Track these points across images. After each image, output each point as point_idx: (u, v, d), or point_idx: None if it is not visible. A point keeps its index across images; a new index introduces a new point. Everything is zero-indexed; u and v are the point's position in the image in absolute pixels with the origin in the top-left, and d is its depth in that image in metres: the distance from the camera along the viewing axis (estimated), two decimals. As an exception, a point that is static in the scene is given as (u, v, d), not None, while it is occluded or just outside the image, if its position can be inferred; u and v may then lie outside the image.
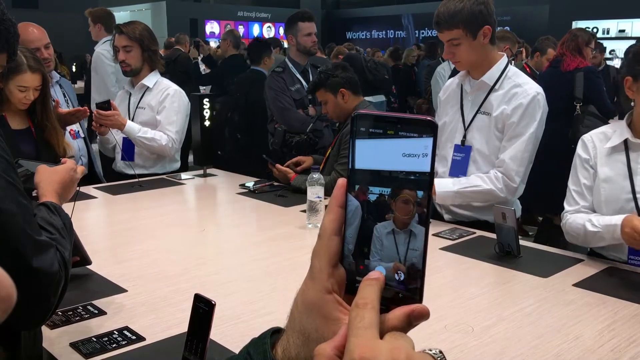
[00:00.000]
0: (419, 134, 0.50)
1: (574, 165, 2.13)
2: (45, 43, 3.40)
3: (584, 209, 2.07)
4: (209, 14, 18.87)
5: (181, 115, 3.30)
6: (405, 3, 19.98)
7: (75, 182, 1.55)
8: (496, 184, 2.30)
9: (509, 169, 2.28)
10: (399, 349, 0.45)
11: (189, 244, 2.31)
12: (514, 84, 2.31)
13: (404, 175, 0.50)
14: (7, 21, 1.29)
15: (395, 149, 0.50)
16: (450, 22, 2.24)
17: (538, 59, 5.40)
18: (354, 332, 0.47)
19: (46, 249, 1.20)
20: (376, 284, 0.50)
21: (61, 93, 3.41)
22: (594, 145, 2.07)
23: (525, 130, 2.27)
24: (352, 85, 3.01)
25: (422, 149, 0.50)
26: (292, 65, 3.80)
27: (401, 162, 0.50)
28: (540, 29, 12.21)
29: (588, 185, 2.06)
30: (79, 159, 3.26)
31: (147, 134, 3.21)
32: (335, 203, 0.53)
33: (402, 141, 0.50)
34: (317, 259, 0.54)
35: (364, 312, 0.48)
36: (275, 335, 0.57)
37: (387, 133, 0.51)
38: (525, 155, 2.29)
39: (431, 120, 0.50)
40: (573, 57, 4.24)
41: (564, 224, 2.10)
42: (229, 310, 1.62)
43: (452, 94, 2.51)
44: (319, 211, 2.39)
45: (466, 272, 1.98)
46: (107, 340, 1.46)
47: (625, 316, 1.59)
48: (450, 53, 2.31)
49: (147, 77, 3.31)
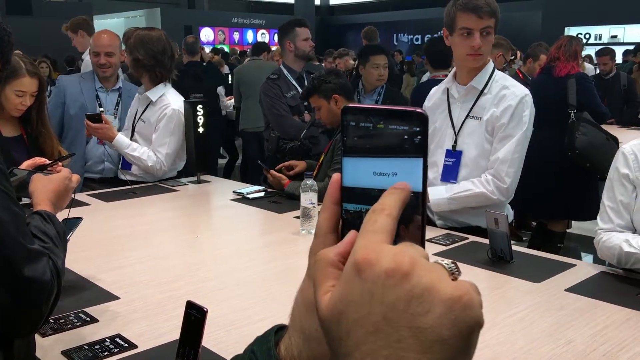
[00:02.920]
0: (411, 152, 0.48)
1: (610, 179, 1.98)
2: (118, 45, 3.52)
3: (620, 227, 1.94)
4: (203, 21, 18.90)
5: (175, 138, 3.25)
6: (399, 10, 20.07)
7: (70, 190, 1.55)
8: (487, 187, 2.31)
9: (499, 170, 2.30)
10: (403, 253, 0.43)
11: (183, 250, 2.31)
12: (502, 87, 2.35)
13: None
14: (2, 31, 1.29)
15: (387, 167, 0.49)
16: (493, 9, 2.27)
17: (530, 64, 5.43)
18: (363, 235, 0.45)
19: (38, 257, 1.19)
20: (400, 192, 0.47)
21: (114, 102, 3.51)
22: (635, 158, 1.92)
23: (515, 132, 2.30)
24: (345, 91, 3.02)
25: (413, 168, 0.49)
26: (288, 72, 3.81)
27: (390, 181, 0.49)
28: (533, 35, 12.28)
29: (625, 202, 1.93)
30: (102, 163, 3.36)
31: (135, 152, 3.18)
32: (329, 200, 0.53)
33: (392, 160, 0.49)
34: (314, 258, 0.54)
35: (378, 216, 0.46)
36: (280, 333, 0.56)
37: (377, 127, 0.49)
38: (515, 156, 2.30)
39: (421, 112, 0.48)
40: (566, 63, 4.25)
41: (597, 241, 1.98)
42: (222, 317, 1.62)
43: (438, 101, 2.53)
44: (312, 217, 2.39)
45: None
46: (99, 348, 1.45)
47: (617, 321, 1.60)
48: (479, 42, 2.28)
49: (152, 90, 3.26)
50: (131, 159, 3.20)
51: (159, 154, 3.22)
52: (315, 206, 2.40)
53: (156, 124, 3.23)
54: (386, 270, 0.42)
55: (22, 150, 2.63)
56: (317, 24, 20.80)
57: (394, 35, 20.34)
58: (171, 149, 3.25)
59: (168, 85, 3.31)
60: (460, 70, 2.44)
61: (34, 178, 1.52)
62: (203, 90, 5.49)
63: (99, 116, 3.15)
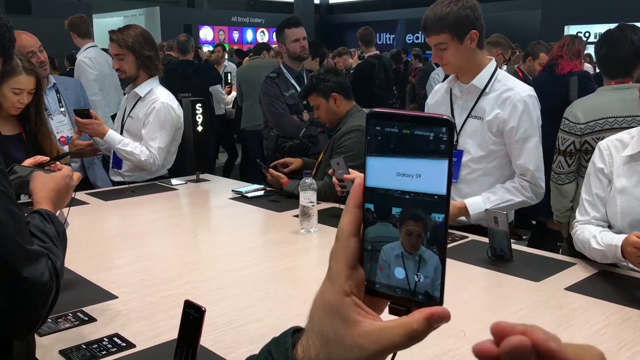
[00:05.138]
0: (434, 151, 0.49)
1: (588, 173, 2.04)
2: (39, 46, 3.42)
3: (595, 220, 1.98)
4: (202, 20, 18.87)
5: (166, 131, 3.17)
6: (398, 8, 20.06)
7: (70, 189, 1.54)
8: (525, 194, 2.33)
9: (535, 178, 2.32)
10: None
11: (181, 249, 2.30)
12: (506, 88, 2.32)
13: (418, 197, 0.49)
14: (2, 26, 1.28)
15: (411, 169, 0.49)
16: (437, 26, 2.24)
17: (530, 63, 5.42)
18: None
19: (37, 258, 1.18)
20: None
21: (56, 99, 3.40)
22: (610, 153, 1.97)
23: (533, 133, 2.29)
24: (344, 90, 3.01)
25: (438, 169, 0.49)
26: (287, 71, 3.81)
27: (415, 182, 0.49)
28: (532, 33, 12.27)
29: (601, 195, 1.97)
30: (69, 164, 3.25)
31: (127, 147, 3.12)
32: (352, 204, 0.53)
33: (417, 161, 0.49)
34: (335, 261, 0.53)
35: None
36: (296, 334, 0.56)
37: (403, 132, 0.49)
38: (541, 158, 2.35)
39: (447, 119, 0.49)
40: (569, 61, 4.25)
41: (574, 233, 2.03)
42: (220, 316, 1.61)
43: (440, 99, 2.52)
44: (311, 216, 2.39)
45: (458, 276, 1.97)
46: (97, 348, 1.45)
47: (617, 320, 1.59)
48: (438, 57, 2.31)
49: (141, 85, 3.21)
50: (123, 154, 3.13)
51: (151, 148, 3.14)
52: (314, 205, 2.39)
53: (145, 118, 3.16)
54: None
55: (21, 149, 2.63)
56: (317, 22, 20.78)
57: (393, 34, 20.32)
58: (163, 143, 3.17)
59: (156, 80, 3.27)
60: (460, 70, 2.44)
61: (34, 176, 1.51)
62: (192, 90, 5.47)
63: (88, 111, 3.08)
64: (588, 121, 2.77)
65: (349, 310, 0.52)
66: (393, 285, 0.52)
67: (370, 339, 0.50)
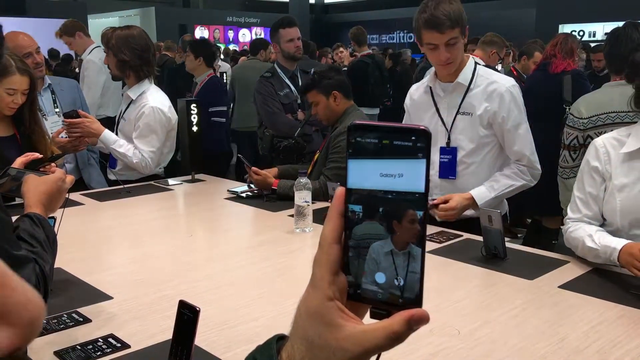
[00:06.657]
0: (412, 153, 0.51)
1: (581, 170, 2.03)
2: (36, 48, 3.42)
3: (587, 218, 1.98)
4: (198, 19, 18.86)
5: (157, 135, 3.16)
6: (394, 7, 20.06)
7: (63, 192, 1.53)
8: (525, 177, 2.44)
9: (532, 161, 2.43)
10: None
11: (176, 250, 2.30)
12: (489, 81, 2.39)
13: (399, 196, 0.52)
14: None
15: (389, 170, 0.52)
16: (452, 21, 2.25)
17: (525, 62, 5.44)
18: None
19: (24, 264, 1.17)
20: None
21: (51, 99, 3.40)
22: (606, 152, 1.95)
23: (522, 120, 2.40)
24: (345, 89, 3.02)
25: (416, 170, 0.51)
26: (281, 71, 3.82)
27: (395, 182, 0.51)
28: (527, 32, 12.29)
29: (594, 194, 1.97)
30: (64, 165, 3.24)
31: (121, 149, 3.13)
32: (334, 212, 0.55)
33: (395, 162, 0.51)
34: (318, 268, 0.55)
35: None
36: (280, 341, 0.58)
37: (383, 143, 0.52)
38: (532, 142, 2.44)
39: (424, 129, 0.51)
40: (562, 60, 4.26)
41: (565, 230, 2.04)
42: (215, 316, 1.61)
43: (421, 100, 2.54)
44: (306, 216, 2.39)
45: (452, 275, 1.98)
46: (92, 349, 1.45)
47: (611, 317, 1.60)
48: (448, 54, 2.29)
49: (132, 88, 3.21)
50: (117, 154, 3.15)
51: (142, 152, 3.15)
52: (309, 204, 2.39)
53: (135, 122, 3.17)
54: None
55: (15, 150, 2.62)
56: (312, 22, 20.78)
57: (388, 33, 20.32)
58: (154, 147, 3.17)
59: (150, 82, 3.25)
60: (440, 71, 2.45)
61: (26, 179, 1.50)
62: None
63: (76, 113, 3.07)
64: (590, 116, 2.82)
65: (332, 315, 0.53)
66: (374, 290, 0.53)
67: (353, 342, 0.52)
